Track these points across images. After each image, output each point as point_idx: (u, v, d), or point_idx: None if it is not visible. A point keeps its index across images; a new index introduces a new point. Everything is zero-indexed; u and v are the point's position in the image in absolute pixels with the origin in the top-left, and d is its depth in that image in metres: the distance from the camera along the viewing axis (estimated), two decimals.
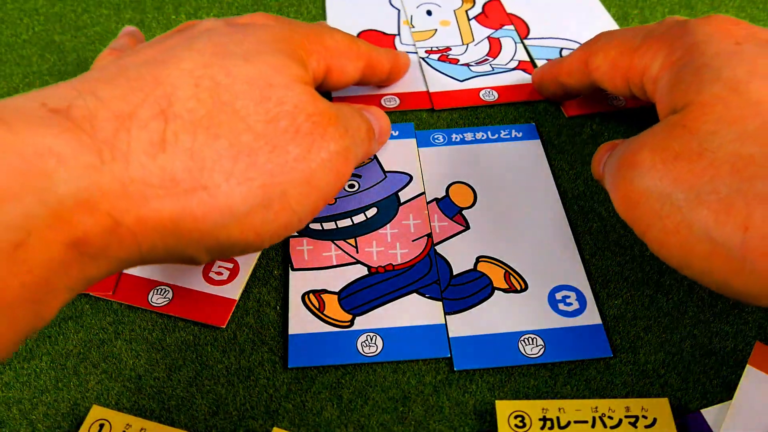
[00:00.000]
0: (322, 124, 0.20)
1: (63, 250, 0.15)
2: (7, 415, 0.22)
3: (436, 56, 0.35)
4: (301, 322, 0.24)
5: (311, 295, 0.25)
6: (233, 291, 0.25)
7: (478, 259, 0.26)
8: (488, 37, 0.37)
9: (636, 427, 0.21)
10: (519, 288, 0.25)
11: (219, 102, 0.19)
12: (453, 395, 0.22)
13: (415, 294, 0.25)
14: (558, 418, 0.21)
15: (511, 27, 0.37)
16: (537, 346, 0.23)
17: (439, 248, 0.26)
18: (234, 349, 0.24)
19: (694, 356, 0.23)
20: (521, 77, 0.34)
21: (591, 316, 0.24)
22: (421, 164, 0.29)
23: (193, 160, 0.17)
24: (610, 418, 0.21)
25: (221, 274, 0.25)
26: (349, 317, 0.24)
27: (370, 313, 0.24)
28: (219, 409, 0.22)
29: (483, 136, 0.31)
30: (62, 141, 0.15)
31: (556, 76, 0.30)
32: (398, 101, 0.32)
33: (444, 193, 0.28)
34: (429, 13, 0.38)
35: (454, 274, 0.25)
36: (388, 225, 0.27)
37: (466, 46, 0.36)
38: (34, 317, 0.15)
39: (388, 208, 0.27)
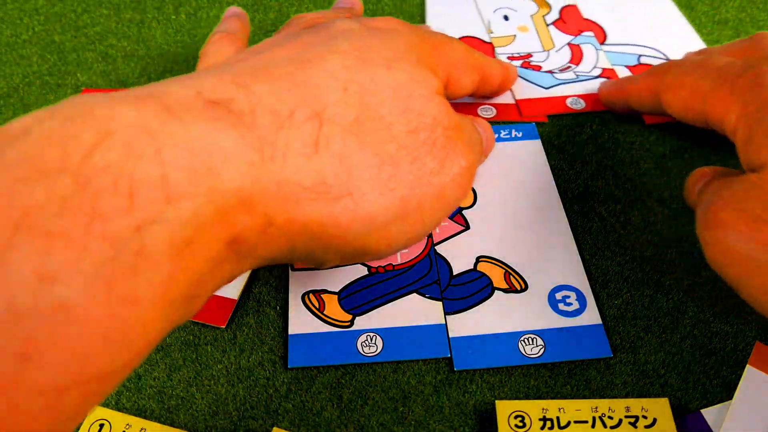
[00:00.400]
0: (454, 138, 0.20)
1: (222, 249, 0.15)
2: None
3: (518, 62, 0.34)
4: (301, 322, 0.24)
5: (311, 295, 0.25)
6: (233, 291, 0.25)
7: (478, 259, 0.26)
8: (568, 44, 0.36)
9: (636, 427, 0.21)
10: (519, 288, 0.25)
11: (366, 108, 0.18)
12: (453, 395, 0.22)
13: (415, 294, 0.25)
14: (558, 418, 0.21)
15: (590, 33, 0.36)
16: (537, 346, 0.23)
17: (439, 248, 0.26)
18: (234, 349, 0.24)
19: (694, 356, 0.23)
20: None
21: (591, 316, 0.24)
22: None
23: (341, 166, 0.17)
24: (610, 418, 0.21)
25: None
26: (349, 317, 0.24)
27: (370, 313, 0.24)
28: (219, 409, 0.22)
29: None
30: (227, 136, 0.15)
31: (624, 99, 0.29)
32: (494, 111, 0.32)
33: None
34: (506, 18, 0.38)
35: (454, 274, 0.25)
36: None
37: (547, 53, 0.35)
38: (184, 315, 0.15)
39: None
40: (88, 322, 0.12)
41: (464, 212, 0.27)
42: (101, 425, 0.21)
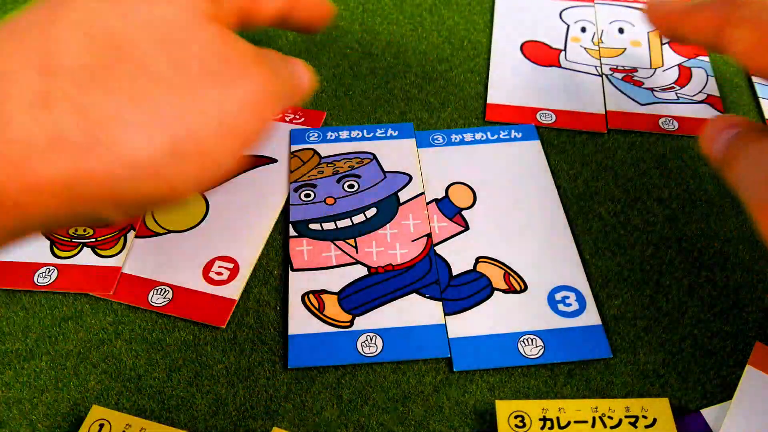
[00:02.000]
0: (240, 66, 0.19)
1: None
2: (8, 415, 0.22)
3: (620, 75, 0.34)
4: (301, 322, 0.24)
5: (311, 296, 0.25)
6: (233, 291, 0.25)
7: (477, 260, 0.26)
8: (679, 65, 0.35)
9: (636, 427, 0.20)
10: (518, 288, 0.25)
11: (116, 51, 0.17)
12: (453, 395, 0.22)
13: (414, 294, 0.25)
14: (558, 418, 0.21)
15: (706, 58, 0.35)
16: (537, 346, 0.23)
17: (438, 248, 0.26)
18: (234, 349, 0.24)
19: (694, 356, 0.23)
20: (708, 112, 0.32)
21: (591, 317, 0.24)
22: (421, 164, 0.29)
23: (86, 117, 0.16)
24: (610, 418, 0.21)
25: (221, 274, 0.25)
26: (349, 317, 0.24)
27: (370, 313, 0.24)
28: (219, 409, 0.22)
29: (482, 136, 0.31)
30: None
31: (678, 25, 0.23)
32: (554, 117, 0.31)
33: (443, 194, 0.28)
34: (621, 30, 0.37)
35: (454, 274, 0.25)
36: (387, 225, 0.27)
37: (653, 70, 0.35)
38: None
39: (388, 208, 0.27)
40: None
41: (464, 213, 0.27)
42: (101, 425, 0.21)
